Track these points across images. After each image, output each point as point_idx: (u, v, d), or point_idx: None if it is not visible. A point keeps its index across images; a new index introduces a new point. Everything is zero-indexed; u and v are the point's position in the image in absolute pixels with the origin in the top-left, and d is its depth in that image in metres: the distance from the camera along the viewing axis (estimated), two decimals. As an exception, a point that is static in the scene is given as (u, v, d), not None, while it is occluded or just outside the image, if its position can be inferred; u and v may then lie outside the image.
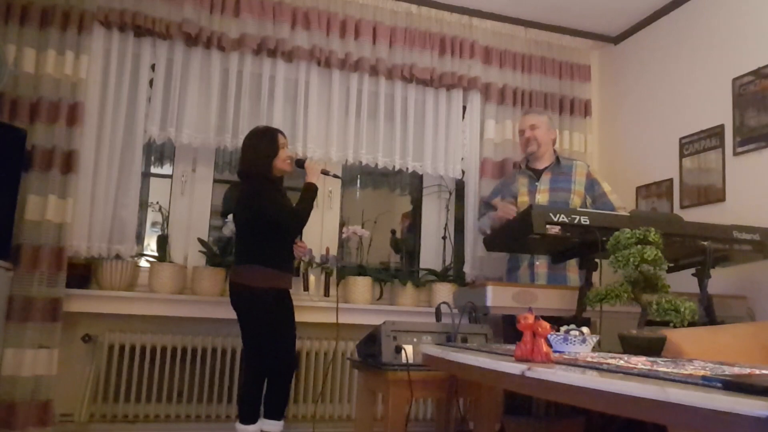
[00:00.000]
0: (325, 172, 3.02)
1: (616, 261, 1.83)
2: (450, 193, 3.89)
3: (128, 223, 3.18)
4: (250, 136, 2.94)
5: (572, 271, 3.04)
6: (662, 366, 1.34)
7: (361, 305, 3.49)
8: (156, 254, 3.36)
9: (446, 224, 3.87)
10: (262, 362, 2.82)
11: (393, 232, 3.93)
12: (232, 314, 3.21)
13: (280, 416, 2.86)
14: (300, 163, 3.02)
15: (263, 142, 2.89)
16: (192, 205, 3.49)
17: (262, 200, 2.79)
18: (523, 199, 3.17)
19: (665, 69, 3.66)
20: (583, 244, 2.43)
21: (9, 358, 2.84)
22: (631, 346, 1.76)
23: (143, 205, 3.50)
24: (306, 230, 3.27)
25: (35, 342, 2.88)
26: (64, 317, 2.99)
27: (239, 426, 2.78)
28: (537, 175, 3.20)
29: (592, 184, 3.19)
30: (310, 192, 2.90)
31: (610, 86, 4.11)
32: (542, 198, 3.13)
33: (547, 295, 2.60)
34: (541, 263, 3.05)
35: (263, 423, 2.83)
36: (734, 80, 3.15)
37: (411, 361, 2.40)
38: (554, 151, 3.28)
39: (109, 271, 3.14)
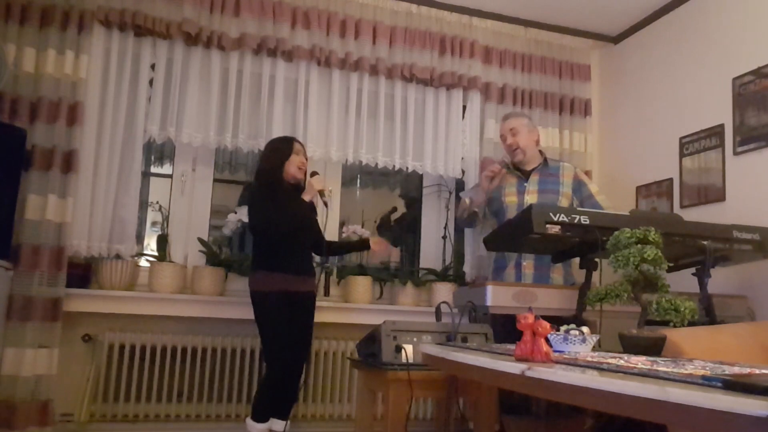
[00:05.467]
0: (321, 193, 2.94)
1: (616, 261, 1.83)
2: (450, 193, 3.89)
3: (128, 223, 3.18)
4: (268, 143, 3.05)
5: (556, 272, 3.04)
6: (662, 366, 1.34)
7: (361, 305, 3.49)
8: (156, 254, 3.36)
9: (446, 224, 3.87)
10: (270, 362, 2.85)
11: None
12: (232, 314, 3.23)
13: (283, 416, 2.87)
14: (312, 175, 2.99)
15: (277, 148, 2.97)
16: (192, 204, 3.49)
17: (253, 206, 2.88)
18: (511, 199, 3.15)
19: (665, 69, 3.66)
20: (583, 243, 2.43)
21: (9, 357, 2.84)
22: (631, 345, 1.76)
23: (143, 204, 3.49)
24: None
25: (35, 342, 2.88)
26: (64, 317, 2.99)
27: (249, 421, 2.82)
28: (525, 175, 3.19)
29: (579, 185, 3.18)
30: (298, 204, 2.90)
31: (610, 86, 4.11)
32: (530, 199, 3.11)
33: (547, 295, 2.60)
34: (528, 263, 3.04)
35: (272, 423, 2.86)
36: (734, 80, 3.15)
37: (411, 360, 2.40)
38: (540, 152, 3.27)
39: (109, 271, 3.14)
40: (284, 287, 2.82)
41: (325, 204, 2.99)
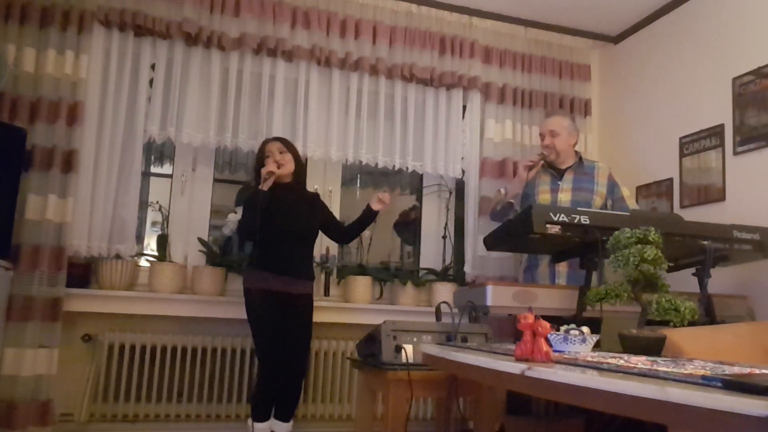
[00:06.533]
0: (270, 175, 2.83)
1: (616, 260, 1.83)
2: (450, 193, 3.89)
3: (128, 223, 3.18)
4: None
5: None
6: (662, 365, 1.34)
7: (361, 305, 3.49)
8: (156, 254, 3.36)
9: (446, 224, 3.87)
10: (258, 360, 2.88)
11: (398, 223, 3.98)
12: (232, 314, 3.23)
13: (285, 418, 2.89)
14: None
15: (258, 152, 3.05)
16: (192, 204, 3.48)
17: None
18: (545, 197, 3.17)
19: (665, 69, 3.66)
20: (584, 243, 2.43)
21: (9, 357, 2.84)
22: (631, 345, 1.76)
23: (143, 204, 3.49)
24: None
25: (35, 342, 2.88)
26: (64, 317, 2.99)
27: (249, 421, 2.84)
28: (559, 174, 3.21)
29: (612, 186, 3.23)
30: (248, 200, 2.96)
31: (610, 86, 4.10)
32: (564, 197, 3.14)
33: (547, 295, 2.60)
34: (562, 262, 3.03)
35: (273, 423, 2.87)
36: (734, 80, 3.14)
37: (411, 360, 2.40)
38: (576, 152, 3.29)
39: (109, 271, 3.14)
40: (267, 286, 2.83)
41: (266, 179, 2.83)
